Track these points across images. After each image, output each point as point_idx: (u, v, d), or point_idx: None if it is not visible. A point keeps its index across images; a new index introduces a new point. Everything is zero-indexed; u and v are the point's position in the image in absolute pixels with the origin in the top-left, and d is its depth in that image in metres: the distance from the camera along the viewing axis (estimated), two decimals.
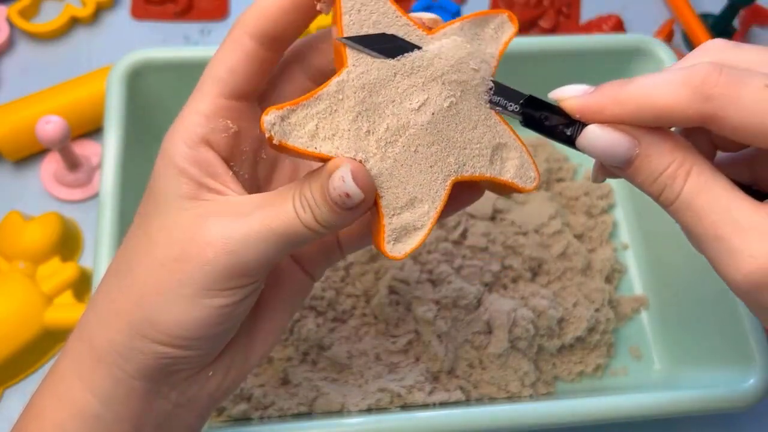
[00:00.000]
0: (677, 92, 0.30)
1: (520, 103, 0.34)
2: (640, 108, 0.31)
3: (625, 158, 0.32)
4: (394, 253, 0.33)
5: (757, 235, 0.29)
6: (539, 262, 0.57)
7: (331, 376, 0.51)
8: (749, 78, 0.29)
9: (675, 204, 0.31)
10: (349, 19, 0.32)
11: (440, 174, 0.33)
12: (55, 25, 0.69)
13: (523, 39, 0.64)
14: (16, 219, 0.57)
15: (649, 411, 0.48)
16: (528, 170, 0.35)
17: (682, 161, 0.31)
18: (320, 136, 0.31)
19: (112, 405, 0.34)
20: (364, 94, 0.31)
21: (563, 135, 0.33)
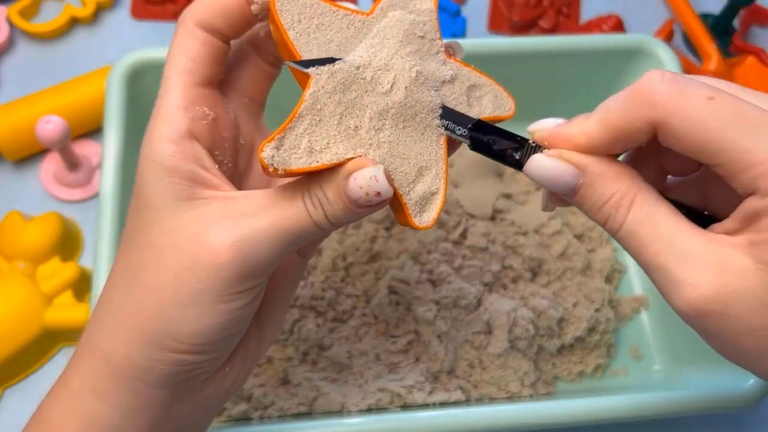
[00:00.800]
0: (626, 105, 0.30)
1: (468, 128, 0.34)
2: (603, 135, 0.31)
3: (570, 187, 0.32)
4: (423, 223, 0.34)
5: (698, 264, 0.29)
6: (539, 262, 0.57)
7: (331, 376, 0.51)
8: (694, 88, 0.29)
9: (619, 232, 0.31)
10: (294, 33, 0.32)
11: (432, 136, 0.34)
12: (55, 25, 0.69)
13: (523, 39, 0.64)
14: (16, 219, 0.57)
15: (649, 411, 0.48)
16: (503, 100, 0.37)
17: (625, 191, 0.31)
18: (317, 149, 0.31)
19: (132, 416, 0.34)
20: (338, 95, 0.32)
21: (512, 159, 0.33)
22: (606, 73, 0.62)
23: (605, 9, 0.75)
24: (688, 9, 0.73)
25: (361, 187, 0.30)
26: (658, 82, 0.29)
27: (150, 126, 0.34)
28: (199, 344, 0.33)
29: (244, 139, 0.38)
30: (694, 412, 0.48)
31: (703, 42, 0.70)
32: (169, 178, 0.33)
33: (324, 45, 0.33)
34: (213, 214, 0.32)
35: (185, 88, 0.34)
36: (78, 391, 0.34)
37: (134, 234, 0.34)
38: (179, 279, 0.32)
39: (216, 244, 0.32)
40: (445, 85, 0.35)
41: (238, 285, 0.32)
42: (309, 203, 0.32)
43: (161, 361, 0.33)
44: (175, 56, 0.34)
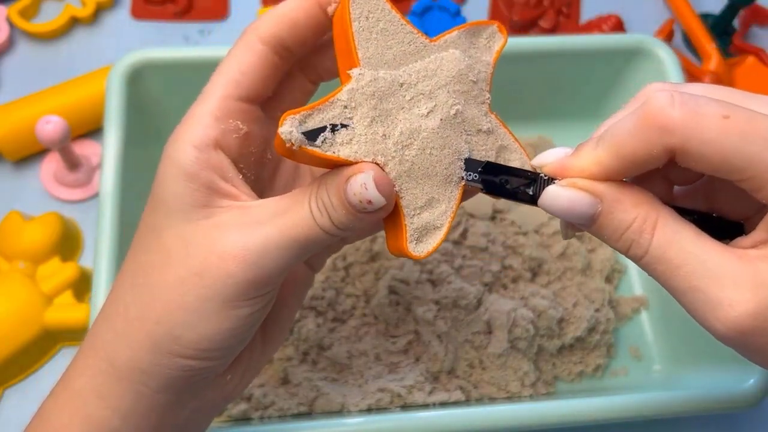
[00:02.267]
0: (640, 134, 0.29)
1: (478, 171, 0.33)
2: (616, 163, 0.30)
3: (588, 216, 0.31)
4: (417, 252, 0.33)
5: (733, 282, 0.29)
6: (539, 262, 0.57)
7: (331, 376, 0.51)
8: (707, 108, 0.29)
9: (645, 258, 0.31)
10: (358, 25, 0.32)
11: (453, 177, 0.34)
12: (55, 25, 0.69)
13: (523, 39, 0.64)
14: (16, 219, 0.57)
15: (649, 411, 0.48)
16: (524, 162, 0.36)
17: (646, 215, 0.30)
18: (338, 141, 0.31)
19: (133, 419, 0.34)
20: (375, 101, 0.32)
21: (526, 195, 0.33)
22: (606, 73, 0.62)
23: (605, 9, 0.75)
24: (688, 9, 0.73)
25: (355, 193, 0.30)
26: (669, 108, 0.29)
27: (178, 128, 0.34)
28: (204, 350, 0.33)
29: (272, 154, 0.38)
30: (694, 412, 0.48)
31: (703, 42, 0.70)
32: (188, 183, 0.33)
33: (381, 49, 0.33)
34: (226, 222, 0.32)
35: (225, 99, 0.34)
36: (80, 392, 0.34)
37: (147, 234, 0.34)
38: (187, 284, 0.32)
39: (225, 251, 0.32)
40: (479, 134, 0.34)
41: (246, 293, 0.32)
42: (315, 208, 0.31)
43: (166, 365, 0.33)
44: (227, 64, 0.34)
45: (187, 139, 0.33)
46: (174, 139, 0.34)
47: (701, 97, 0.29)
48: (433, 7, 0.72)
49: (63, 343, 0.57)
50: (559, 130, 0.65)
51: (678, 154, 0.29)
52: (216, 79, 0.34)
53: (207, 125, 0.33)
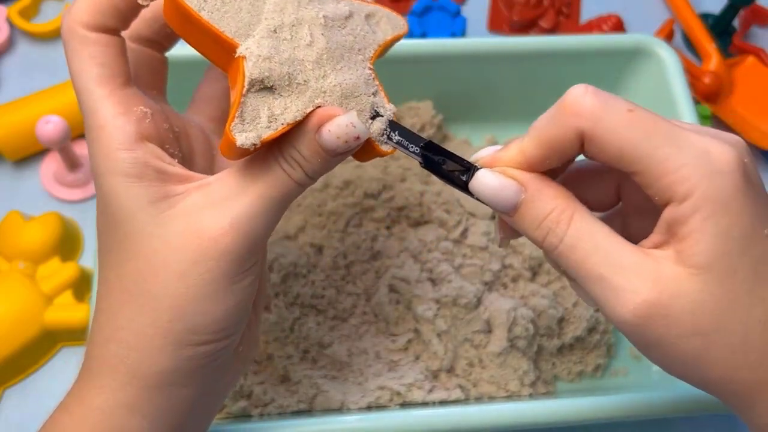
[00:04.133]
0: (555, 119, 0.32)
1: (420, 146, 0.35)
2: (537, 150, 0.32)
3: (513, 202, 0.33)
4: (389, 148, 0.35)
5: (637, 273, 0.30)
6: (539, 261, 0.57)
7: (331, 374, 0.51)
8: (615, 101, 0.31)
9: (559, 248, 0.32)
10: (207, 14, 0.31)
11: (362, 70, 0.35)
12: (55, 25, 0.69)
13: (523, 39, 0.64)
14: (16, 219, 0.57)
15: (649, 411, 0.48)
16: (396, 20, 0.38)
17: (564, 207, 0.32)
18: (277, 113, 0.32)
19: (165, 419, 0.34)
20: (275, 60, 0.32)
21: (459, 180, 0.34)
22: (606, 73, 0.62)
23: (605, 9, 0.75)
24: (688, 9, 0.73)
25: (338, 137, 0.31)
26: (582, 96, 0.31)
27: (95, 144, 0.33)
28: (220, 330, 0.33)
29: (177, 126, 0.38)
30: (694, 412, 0.48)
31: (703, 42, 0.71)
32: (137, 184, 0.32)
33: (236, 15, 0.32)
34: (196, 205, 0.32)
35: (113, 95, 0.33)
36: (102, 408, 0.33)
37: (117, 248, 0.33)
38: (188, 275, 0.32)
39: (214, 232, 0.32)
40: (347, 20, 0.35)
41: (245, 264, 0.33)
42: (287, 166, 0.32)
43: (189, 357, 0.33)
44: (85, 67, 0.33)
45: (112, 148, 0.32)
46: (100, 155, 0.33)
47: (612, 95, 0.32)
48: (433, 7, 0.72)
49: (63, 343, 0.57)
50: None
51: (586, 141, 0.31)
52: (85, 84, 0.33)
53: (120, 126, 0.33)
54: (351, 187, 0.56)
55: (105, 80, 0.33)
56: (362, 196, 0.56)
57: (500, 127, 0.64)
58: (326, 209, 0.56)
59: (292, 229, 0.55)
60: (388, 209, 0.56)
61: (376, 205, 0.56)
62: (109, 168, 0.32)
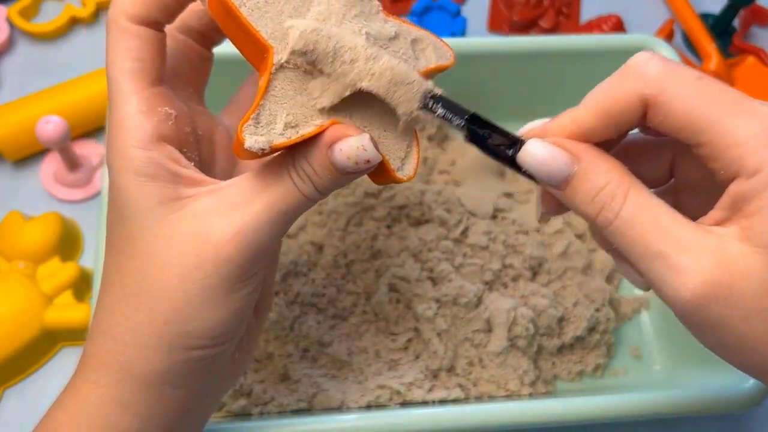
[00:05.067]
0: (617, 84, 0.31)
1: (465, 119, 0.33)
2: (593, 116, 0.31)
3: (564, 175, 0.31)
4: (406, 175, 0.34)
5: (699, 251, 0.29)
6: (540, 261, 0.57)
7: (331, 373, 0.51)
8: (681, 67, 0.30)
9: (614, 223, 0.30)
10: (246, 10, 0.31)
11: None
12: (55, 25, 0.69)
13: (523, 39, 0.64)
14: (16, 219, 0.57)
15: (649, 411, 0.48)
16: (442, 50, 0.37)
17: (620, 180, 0.31)
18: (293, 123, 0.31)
19: (155, 420, 0.34)
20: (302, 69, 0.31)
21: (504, 155, 0.33)
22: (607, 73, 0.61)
23: (605, 9, 0.75)
24: (688, 9, 0.73)
25: (349, 157, 0.30)
26: (648, 61, 0.30)
27: (113, 138, 0.33)
28: (215, 337, 0.33)
29: (201, 130, 0.38)
30: (694, 412, 0.48)
31: (703, 42, 0.71)
32: (149, 184, 0.32)
33: (276, 18, 0.32)
34: (205, 209, 0.32)
35: (140, 92, 0.33)
36: (96, 404, 0.33)
37: (122, 245, 0.33)
38: (188, 279, 0.32)
39: (218, 238, 0.32)
40: (391, 42, 0.34)
41: (246, 273, 0.33)
42: (297, 178, 0.32)
43: (182, 360, 0.33)
44: (119, 59, 0.33)
45: (128, 145, 0.32)
46: (116, 149, 0.33)
47: (679, 62, 0.31)
48: (433, 7, 0.72)
49: (63, 343, 0.57)
50: None
51: (650, 108, 0.30)
52: (117, 76, 0.33)
53: (139, 124, 0.33)
54: (351, 185, 0.56)
55: (136, 76, 0.33)
56: (363, 195, 0.56)
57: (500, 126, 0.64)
58: (327, 208, 0.56)
59: (293, 228, 0.55)
60: (388, 208, 0.56)
61: (376, 204, 0.56)
62: (122, 164, 0.32)
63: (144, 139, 0.32)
